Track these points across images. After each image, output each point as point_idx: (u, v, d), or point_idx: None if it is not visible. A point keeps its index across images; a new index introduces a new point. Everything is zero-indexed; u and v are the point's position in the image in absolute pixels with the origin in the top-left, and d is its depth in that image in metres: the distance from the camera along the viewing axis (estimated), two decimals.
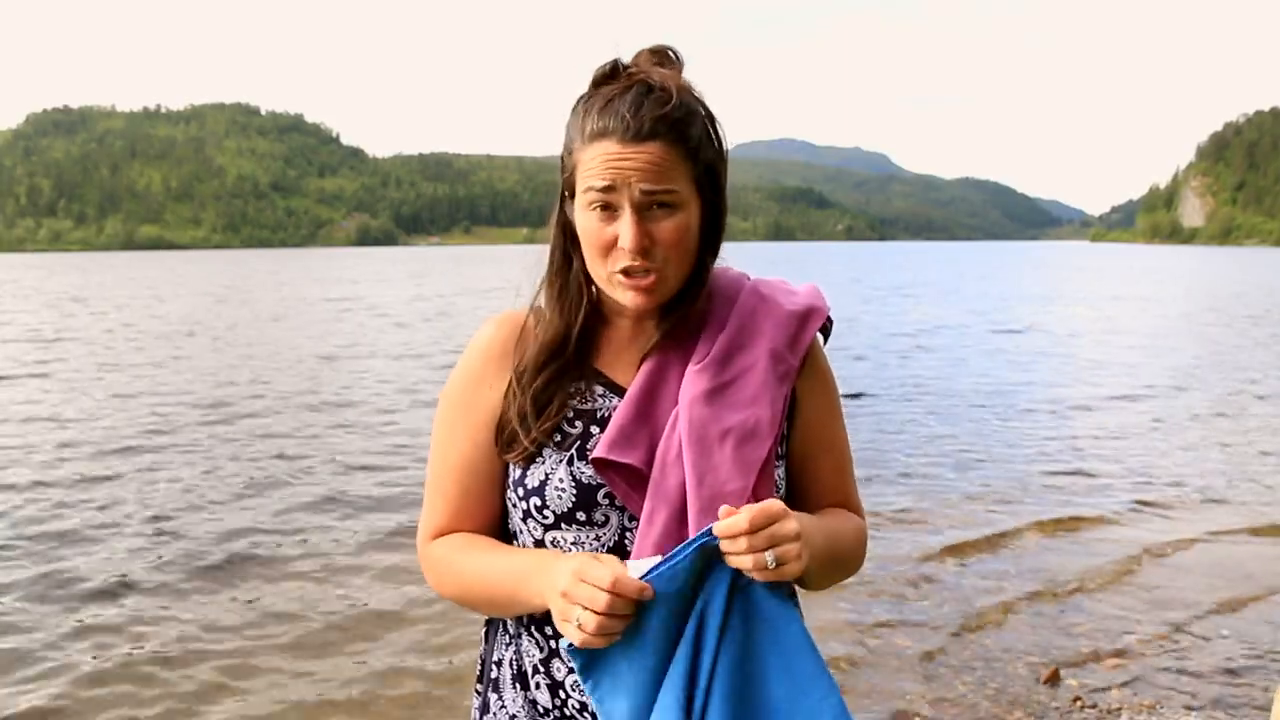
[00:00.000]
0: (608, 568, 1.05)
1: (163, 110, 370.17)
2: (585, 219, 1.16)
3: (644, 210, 1.13)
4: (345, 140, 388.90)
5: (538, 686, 1.24)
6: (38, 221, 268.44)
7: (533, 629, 1.24)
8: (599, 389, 1.24)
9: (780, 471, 1.24)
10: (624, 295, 1.18)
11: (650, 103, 1.12)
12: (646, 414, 1.20)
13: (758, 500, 1.14)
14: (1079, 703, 3.89)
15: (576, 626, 1.04)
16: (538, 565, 1.15)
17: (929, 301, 29.48)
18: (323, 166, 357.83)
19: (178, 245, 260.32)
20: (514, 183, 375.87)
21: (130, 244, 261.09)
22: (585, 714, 1.20)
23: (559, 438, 1.21)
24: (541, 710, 1.23)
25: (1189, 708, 3.83)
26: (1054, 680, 4.08)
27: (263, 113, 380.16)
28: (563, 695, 1.22)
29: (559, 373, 1.22)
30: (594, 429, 1.21)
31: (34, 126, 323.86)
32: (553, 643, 1.22)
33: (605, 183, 1.12)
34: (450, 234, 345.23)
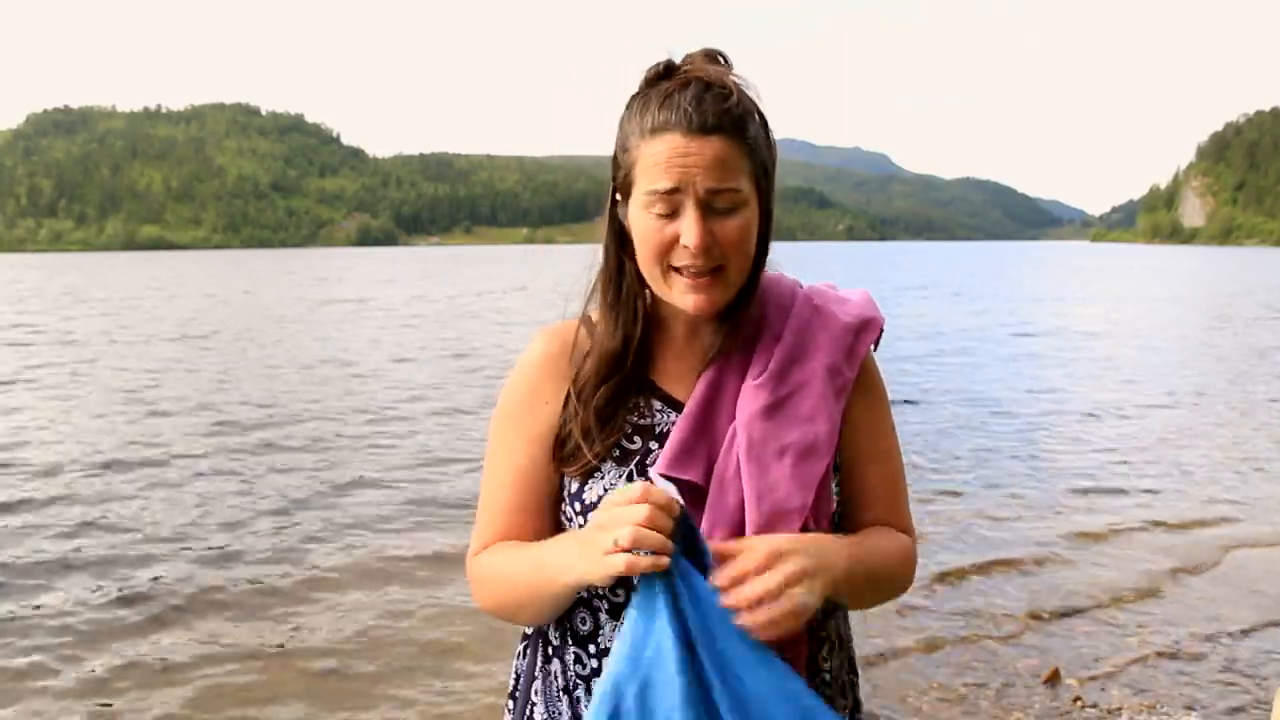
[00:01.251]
0: (636, 484, 1.05)
1: (163, 110, 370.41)
2: (643, 219, 1.15)
3: (707, 208, 1.12)
4: (346, 140, 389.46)
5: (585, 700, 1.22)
6: (38, 222, 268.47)
7: (575, 646, 1.24)
8: (657, 404, 1.24)
9: (833, 486, 1.23)
10: (683, 299, 1.16)
11: (711, 97, 1.12)
12: (705, 429, 1.20)
13: (815, 517, 1.16)
14: (1079, 703, 3.89)
15: (614, 544, 1.01)
16: (557, 541, 1.16)
17: (934, 303, 29.44)
18: (323, 166, 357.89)
19: (178, 245, 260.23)
20: (514, 183, 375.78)
21: (131, 244, 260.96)
22: None
23: (618, 453, 1.21)
24: None
25: (1189, 708, 3.83)
26: (1054, 680, 4.07)
27: (263, 113, 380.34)
28: None
29: (620, 386, 1.22)
30: (653, 445, 1.21)
31: (34, 126, 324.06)
32: (596, 661, 1.21)
33: (670, 184, 1.11)
34: (451, 234, 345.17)
